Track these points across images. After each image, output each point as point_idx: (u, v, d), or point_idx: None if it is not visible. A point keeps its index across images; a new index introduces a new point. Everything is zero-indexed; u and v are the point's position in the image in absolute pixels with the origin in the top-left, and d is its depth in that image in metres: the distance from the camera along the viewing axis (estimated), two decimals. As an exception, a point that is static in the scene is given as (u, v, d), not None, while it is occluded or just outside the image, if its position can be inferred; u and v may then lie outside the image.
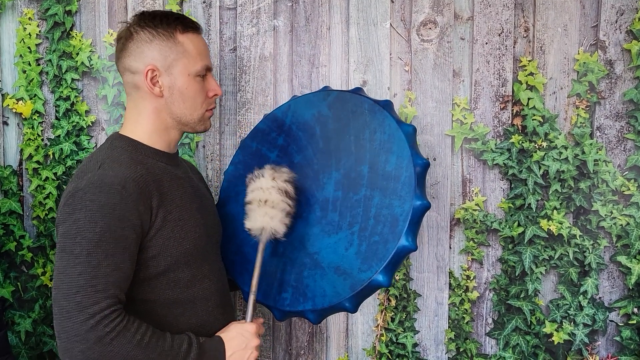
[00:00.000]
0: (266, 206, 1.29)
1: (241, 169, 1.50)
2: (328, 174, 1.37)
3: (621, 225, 1.62)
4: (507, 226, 1.64)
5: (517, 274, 1.65)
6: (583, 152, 1.62)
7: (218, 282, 1.32)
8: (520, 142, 1.63)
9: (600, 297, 1.65)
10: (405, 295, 1.69)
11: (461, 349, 1.68)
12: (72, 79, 1.69)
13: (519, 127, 1.64)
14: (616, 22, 1.60)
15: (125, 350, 1.06)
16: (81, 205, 1.09)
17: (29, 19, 1.68)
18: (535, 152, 1.62)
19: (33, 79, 1.69)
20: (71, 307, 1.05)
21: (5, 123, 1.73)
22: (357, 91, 1.43)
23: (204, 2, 1.68)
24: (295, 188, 1.36)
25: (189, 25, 1.27)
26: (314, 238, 1.34)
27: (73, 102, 1.70)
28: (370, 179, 1.31)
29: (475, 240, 1.66)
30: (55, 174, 1.70)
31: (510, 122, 1.64)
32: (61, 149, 1.70)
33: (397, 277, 1.68)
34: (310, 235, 1.35)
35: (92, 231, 1.08)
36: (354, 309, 1.27)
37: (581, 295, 1.64)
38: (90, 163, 1.20)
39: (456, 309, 1.68)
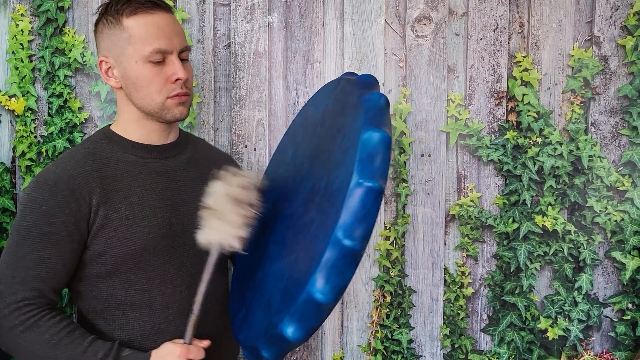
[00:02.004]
0: (214, 217, 1.08)
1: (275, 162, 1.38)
2: (304, 184, 1.12)
3: (616, 220, 1.62)
4: (502, 222, 1.64)
5: (512, 270, 1.65)
6: (578, 148, 1.62)
7: (188, 290, 1.18)
8: (515, 138, 1.63)
9: (594, 293, 1.65)
10: (400, 292, 1.68)
11: (456, 345, 1.69)
12: (65, 76, 1.68)
13: (514, 123, 1.64)
14: (611, 17, 1.60)
15: (32, 345, 1.08)
16: (22, 199, 1.15)
17: (21, 15, 1.67)
18: (530, 148, 1.62)
19: (25, 75, 1.68)
20: None
21: (-3, 120, 1.72)
22: (364, 79, 1.11)
23: (198, -2, 1.68)
24: (270, 193, 1.14)
25: (139, 6, 1.15)
26: (270, 258, 1.11)
27: (66, 98, 1.69)
28: (322, 197, 1.01)
29: (470, 236, 1.66)
30: (48, 171, 1.69)
31: (505, 118, 1.64)
32: (54, 146, 1.69)
33: (392, 274, 1.68)
34: (269, 253, 1.12)
35: (21, 224, 1.12)
36: (270, 358, 0.99)
37: (576, 291, 1.64)
38: None
39: (451, 305, 1.68)
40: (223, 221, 1.07)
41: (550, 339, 1.65)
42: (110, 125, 1.27)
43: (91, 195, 1.13)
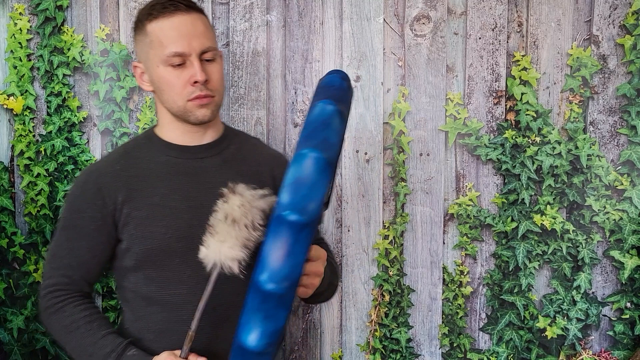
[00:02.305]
0: (213, 235, 1.04)
1: None
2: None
3: (614, 220, 1.62)
4: (501, 221, 1.65)
5: (510, 269, 1.65)
6: (576, 147, 1.62)
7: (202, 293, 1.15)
8: (514, 137, 1.63)
9: (593, 292, 1.65)
10: (399, 291, 1.69)
11: (455, 344, 1.69)
12: (64, 75, 1.68)
13: (513, 122, 1.64)
14: (609, 16, 1.60)
15: (56, 328, 1.18)
16: None
17: (20, 14, 1.67)
18: (529, 147, 1.62)
19: (24, 74, 1.68)
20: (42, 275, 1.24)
21: (-4, 119, 1.72)
22: (323, 83, 0.99)
23: (197, -4, 1.68)
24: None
25: (160, 10, 1.16)
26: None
27: (64, 97, 1.69)
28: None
29: (469, 235, 1.66)
30: (46, 170, 1.69)
31: (503, 117, 1.64)
32: (53, 145, 1.69)
33: (390, 273, 1.68)
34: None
35: (62, 217, 1.23)
36: None
37: (574, 290, 1.64)
38: None
39: (450, 304, 1.68)
40: (219, 241, 1.03)
41: (548, 338, 1.65)
42: (155, 125, 1.29)
43: (117, 193, 1.18)
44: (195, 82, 1.16)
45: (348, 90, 0.93)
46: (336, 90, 0.91)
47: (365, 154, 1.67)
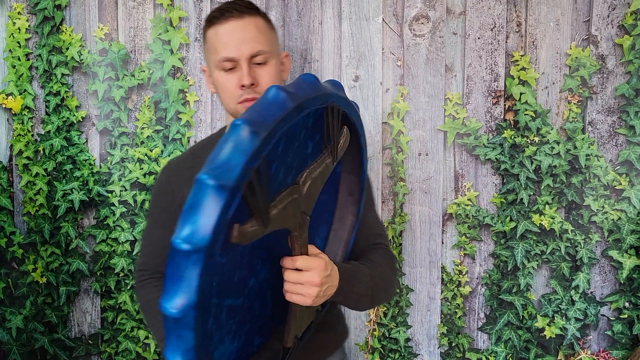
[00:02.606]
0: None
1: None
2: None
3: (613, 219, 1.62)
4: (499, 221, 1.65)
5: (509, 269, 1.65)
6: (575, 147, 1.62)
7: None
8: (513, 137, 1.63)
9: (591, 292, 1.66)
10: (398, 290, 1.69)
11: (453, 344, 1.69)
12: (62, 74, 1.68)
13: (511, 122, 1.64)
14: (608, 16, 1.60)
15: (141, 303, 1.34)
16: None
17: (18, 13, 1.67)
18: (528, 147, 1.63)
19: (23, 74, 1.68)
20: None
21: (-6, 118, 1.71)
22: (261, 97, 0.85)
23: (195, -4, 1.67)
24: None
25: (218, 16, 1.24)
26: None
27: (63, 97, 1.68)
28: None
29: (468, 235, 1.66)
30: (45, 169, 1.69)
31: (502, 117, 1.64)
32: (51, 144, 1.69)
33: (389, 273, 1.68)
34: None
35: (149, 206, 1.37)
36: None
37: (573, 290, 1.64)
38: None
39: (448, 303, 1.68)
40: None
41: (547, 337, 1.66)
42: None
43: (182, 189, 1.27)
44: (243, 85, 1.23)
45: (287, 101, 0.84)
46: (266, 105, 0.83)
47: (364, 153, 1.67)
